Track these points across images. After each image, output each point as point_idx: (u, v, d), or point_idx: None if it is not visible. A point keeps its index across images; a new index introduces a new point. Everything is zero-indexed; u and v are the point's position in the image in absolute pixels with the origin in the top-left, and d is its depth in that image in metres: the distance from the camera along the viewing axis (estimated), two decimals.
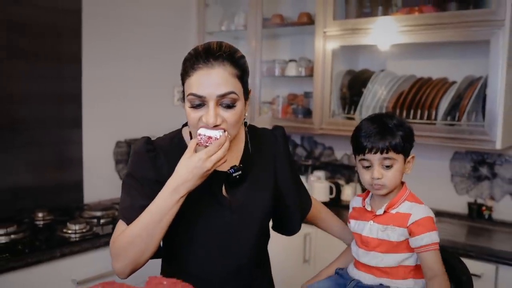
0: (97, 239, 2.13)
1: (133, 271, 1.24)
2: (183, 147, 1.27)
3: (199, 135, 1.17)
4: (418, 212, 1.35)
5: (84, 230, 2.16)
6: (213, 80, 1.17)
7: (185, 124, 1.34)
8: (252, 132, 1.41)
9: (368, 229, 1.39)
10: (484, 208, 2.58)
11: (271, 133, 1.44)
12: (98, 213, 2.38)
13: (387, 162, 1.35)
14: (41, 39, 2.51)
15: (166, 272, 1.38)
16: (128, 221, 1.22)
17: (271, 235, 1.47)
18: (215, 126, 1.18)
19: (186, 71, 1.21)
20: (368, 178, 1.37)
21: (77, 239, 2.11)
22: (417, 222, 1.33)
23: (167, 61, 3.15)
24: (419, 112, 2.48)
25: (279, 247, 2.55)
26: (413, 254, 1.36)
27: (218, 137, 1.16)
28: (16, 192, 2.44)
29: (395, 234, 1.35)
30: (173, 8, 3.21)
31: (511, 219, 2.53)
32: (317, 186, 2.84)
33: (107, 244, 2.10)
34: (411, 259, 1.37)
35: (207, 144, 1.16)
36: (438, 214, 1.40)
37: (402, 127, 1.36)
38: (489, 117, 2.24)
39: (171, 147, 1.31)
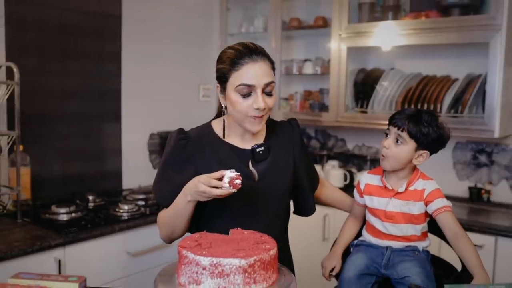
0: (146, 217, 2.43)
1: (171, 241, 1.58)
2: (211, 135, 1.55)
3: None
4: (430, 186, 1.63)
5: (134, 210, 2.46)
6: (259, 71, 1.42)
7: (214, 118, 1.62)
8: (273, 122, 1.67)
9: (392, 205, 1.65)
10: (483, 191, 2.89)
11: (288, 123, 1.70)
12: (141, 196, 2.67)
13: (399, 139, 1.60)
14: (87, 41, 2.79)
15: None
16: (156, 198, 1.57)
17: (292, 219, 1.70)
18: (261, 117, 1.44)
19: (232, 66, 1.43)
20: (381, 145, 1.64)
21: (129, 217, 2.40)
22: (431, 193, 1.61)
23: (193, 60, 3.45)
24: (425, 105, 2.78)
25: (301, 227, 2.85)
26: (427, 219, 1.66)
27: (233, 175, 1.33)
28: (66, 178, 2.73)
29: (416, 207, 1.62)
30: (199, 12, 3.50)
31: (507, 201, 2.84)
32: (333, 173, 3.14)
33: (154, 221, 2.40)
34: (426, 227, 1.67)
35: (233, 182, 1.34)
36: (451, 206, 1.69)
37: (430, 126, 1.58)
38: (488, 110, 2.56)
39: (201, 135, 1.55)
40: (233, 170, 1.34)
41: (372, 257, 1.68)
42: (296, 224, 1.98)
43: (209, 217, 1.54)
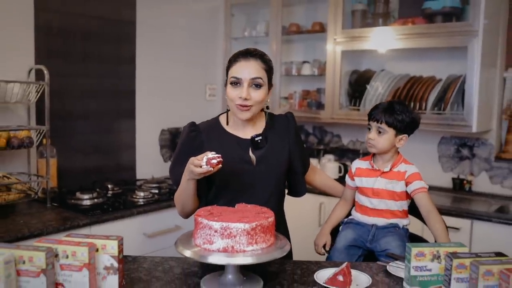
0: (159, 203, 2.72)
1: (186, 215, 1.85)
2: (218, 127, 1.84)
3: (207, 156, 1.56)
4: (411, 169, 1.93)
5: (149, 197, 2.75)
6: (248, 68, 1.71)
7: (221, 114, 1.90)
8: (271, 115, 1.95)
9: (378, 183, 1.94)
10: (465, 182, 3.17)
11: (285, 116, 1.97)
12: (155, 185, 2.96)
13: (380, 130, 1.90)
14: (105, 45, 3.09)
15: None
16: (172, 180, 1.85)
17: (292, 206, 1.97)
18: (244, 106, 1.71)
19: (230, 63, 1.75)
20: (367, 137, 1.94)
21: (144, 203, 2.69)
22: (411, 176, 1.90)
23: (200, 62, 3.75)
24: (412, 104, 3.06)
25: (299, 214, 3.14)
26: (408, 201, 1.95)
27: (210, 156, 1.53)
28: (87, 169, 3.03)
29: (398, 186, 1.91)
30: (205, 18, 3.80)
31: (487, 190, 3.13)
32: (329, 166, 3.43)
33: (167, 207, 2.71)
34: (407, 205, 1.96)
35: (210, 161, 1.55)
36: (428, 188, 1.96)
37: (403, 113, 1.88)
38: (467, 107, 2.84)
39: (209, 127, 1.83)
40: (214, 152, 1.57)
41: (359, 234, 1.98)
42: (295, 211, 2.25)
43: (215, 194, 1.83)
